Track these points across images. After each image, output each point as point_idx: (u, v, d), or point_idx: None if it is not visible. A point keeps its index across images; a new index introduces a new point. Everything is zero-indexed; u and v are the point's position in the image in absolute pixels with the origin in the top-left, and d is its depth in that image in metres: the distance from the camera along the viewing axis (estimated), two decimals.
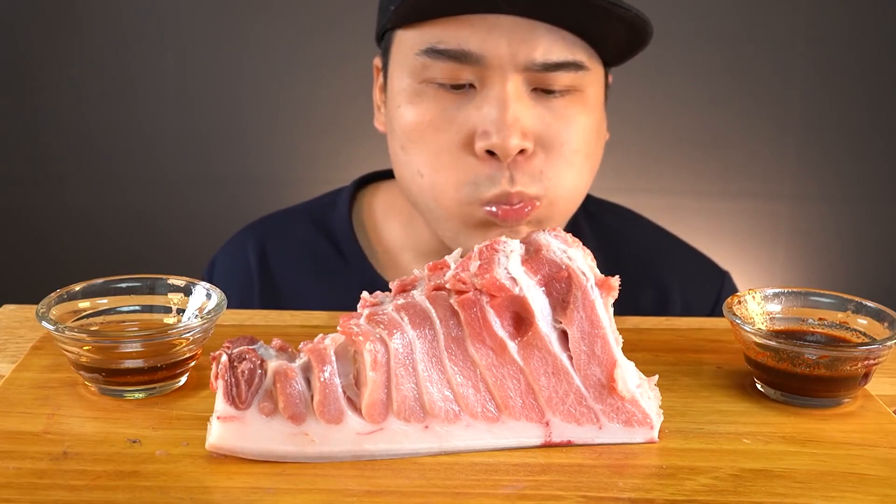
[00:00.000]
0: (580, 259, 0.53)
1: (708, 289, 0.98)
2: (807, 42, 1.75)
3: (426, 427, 0.51)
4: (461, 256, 0.54)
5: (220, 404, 0.50)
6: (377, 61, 0.88)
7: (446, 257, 0.54)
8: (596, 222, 0.98)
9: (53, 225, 1.88)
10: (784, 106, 1.78)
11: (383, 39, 0.85)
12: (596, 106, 0.82)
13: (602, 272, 0.54)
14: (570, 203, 0.82)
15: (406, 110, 0.80)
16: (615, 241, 0.97)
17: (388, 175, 0.99)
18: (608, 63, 0.84)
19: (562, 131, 0.78)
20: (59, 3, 1.76)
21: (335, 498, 0.48)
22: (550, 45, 0.76)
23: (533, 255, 0.53)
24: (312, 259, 0.95)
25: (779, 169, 1.81)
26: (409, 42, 0.79)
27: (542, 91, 0.78)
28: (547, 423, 0.53)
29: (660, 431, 0.54)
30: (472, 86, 0.78)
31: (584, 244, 0.55)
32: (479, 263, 0.52)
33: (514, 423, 0.53)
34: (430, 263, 0.54)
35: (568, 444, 0.53)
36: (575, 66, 0.78)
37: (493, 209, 0.77)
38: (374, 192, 0.99)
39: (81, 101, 1.81)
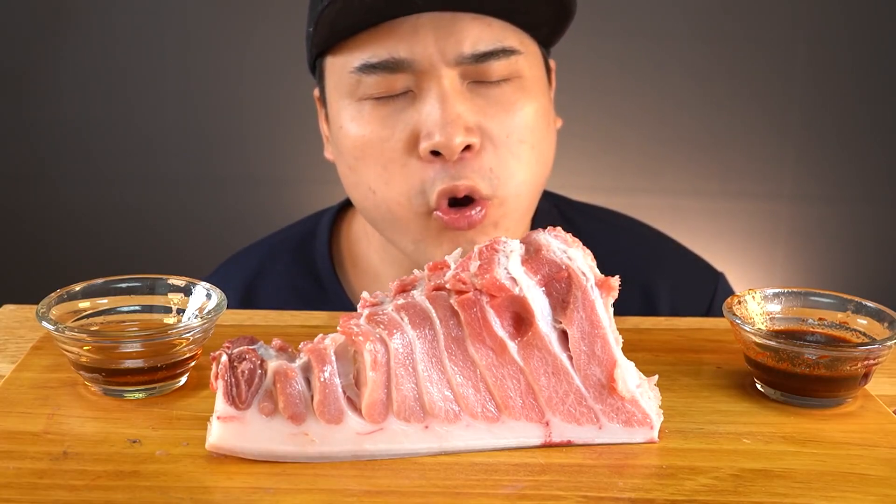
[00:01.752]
0: (580, 259, 0.53)
1: (700, 293, 0.95)
2: (807, 42, 1.75)
3: (426, 427, 0.51)
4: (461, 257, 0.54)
5: (220, 404, 0.50)
6: (316, 93, 0.87)
7: (446, 257, 0.54)
8: (577, 229, 0.93)
9: (53, 225, 1.88)
10: (784, 106, 1.78)
11: (316, 69, 0.83)
12: (538, 91, 0.79)
13: None
14: (522, 199, 0.79)
15: (349, 128, 0.78)
16: (596, 249, 0.94)
17: None
18: (544, 44, 0.82)
19: (505, 121, 0.76)
20: (58, 2, 1.76)
21: (335, 498, 0.48)
22: (478, 34, 0.75)
23: (533, 255, 0.53)
24: (295, 296, 0.93)
25: (779, 169, 1.81)
26: (339, 64, 0.78)
27: (480, 83, 0.76)
28: (547, 423, 0.53)
29: (660, 431, 0.54)
30: (410, 91, 0.76)
31: None
32: (479, 263, 0.52)
33: (514, 423, 0.53)
34: (430, 263, 0.54)
35: (568, 444, 0.53)
36: (507, 52, 0.76)
37: (442, 215, 0.75)
38: (353, 218, 0.96)
39: (81, 101, 1.81)
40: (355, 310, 0.89)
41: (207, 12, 1.77)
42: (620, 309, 0.81)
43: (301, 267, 0.94)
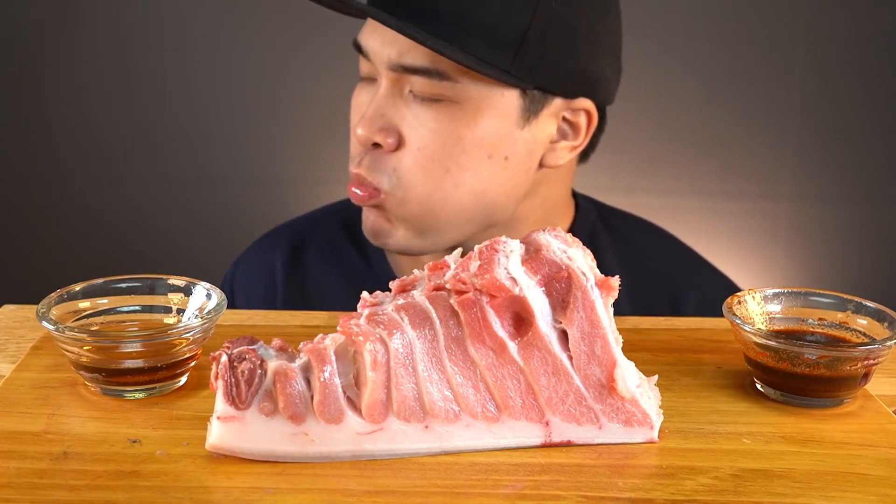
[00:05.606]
0: (580, 259, 0.53)
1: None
2: (807, 42, 1.75)
3: (426, 427, 0.52)
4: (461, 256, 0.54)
5: (220, 404, 0.50)
6: None
7: (446, 257, 0.54)
8: (616, 234, 0.98)
9: (54, 224, 1.88)
10: (784, 106, 1.78)
11: None
12: (483, 123, 0.81)
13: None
14: (425, 209, 0.84)
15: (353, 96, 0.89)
16: (633, 253, 0.97)
17: None
18: (547, 87, 0.83)
19: (424, 136, 0.81)
20: (62, 2, 1.76)
21: (335, 498, 0.48)
22: (410, 49, 0.80)
23: (533, 255, 0.53)
24: (341, 263, 0.98)
25: (778, 169, 1.81)
26: None
27: (419, 97, 0.81)
28: (547, 423, 0.53)
29: (660, 431, 0.54)
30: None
31: (601, 254, 0.54)
32: (479, 263, 0.52)
33: (514, 423, 0.53)
34: (430, 263, 0.55)
35: (568, 444, 0.53)
36: (436, 74, 0.80)
37: (352, 188, 0.85)
38: None
39: (82, 101, 1.81)
40: None
41: (209, 12, 1.77)
42: (648, 312, 0.81)
43: (349, 239, 0.99)
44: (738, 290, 0.99)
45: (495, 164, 0.84)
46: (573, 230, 0.94)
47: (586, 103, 0.87)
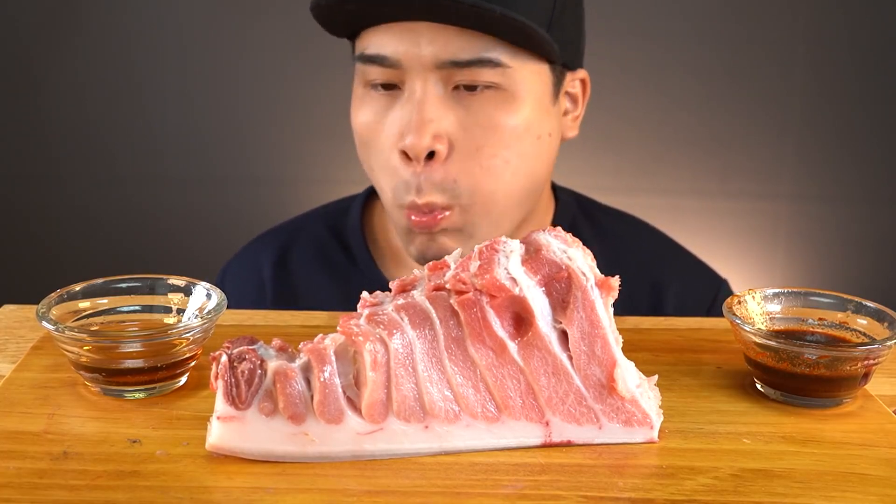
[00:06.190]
0: (580, 259, 0.53)
1: (704, 294, 0.99)
2: (807, 42, 1.75)
3: (426, 427, 0.52)
4: (461, 256, 0.54)
5: (220, 404, 0.50)
6: None
7: (446, 257, 0.54)
8: (596, 224, 0.99)
9: (54, 225, 1.88)
10: (784, 106, 1.78)
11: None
12: (529, 105, 0.82)
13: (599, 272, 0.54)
14: (488, 208, 0.83)
15: (356, 113, 0.85)
16: (614, 243, 0.98)
17: None
18: (567, 62, 0.85)
19: (478, 135, 0.80)
20: (61, 3, 1.76)
21: (335, 498, 0.48)
22: (459, 44, 0.78)
23: (533, 255, 0.53)
24: (327, 264, 0.98)
25: (778, 169, 1.81)
26: (357, 48, 0.84)
27: (464, 89, 0.80)
28: (547, 423, 0.53)
29: (660, 431, 0.54)
30: (401, 89, 0.81)
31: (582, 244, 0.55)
32: (479, 263, 0.52)
33: (514, 423, 0.53)
34: (430, 263, 0.55)
35: (568, 444, 0.53)
36: (490, 62, 0.78)
37: (412, 217, 0.82)
38: None
39: (82, 101, 1.81)
40: (387, 283, 0.94)
41: (208, 12, 1.77)
42: (630, 301, 0.81)
43: (334, 241, 0.99)
44: (720, 279, 1.01)
45: (542, 142, 0.84)
46: (554, 222, 0.95)
47: (582, 73, 0.89)
